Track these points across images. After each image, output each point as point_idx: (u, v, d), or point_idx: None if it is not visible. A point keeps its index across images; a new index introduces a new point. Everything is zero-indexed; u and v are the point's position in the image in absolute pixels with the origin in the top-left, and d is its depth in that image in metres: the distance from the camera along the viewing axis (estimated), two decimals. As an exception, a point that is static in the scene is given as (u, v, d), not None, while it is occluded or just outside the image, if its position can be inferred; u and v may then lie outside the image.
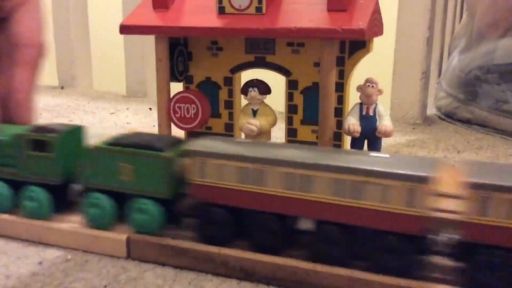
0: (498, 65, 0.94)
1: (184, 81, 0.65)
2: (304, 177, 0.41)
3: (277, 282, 0.42)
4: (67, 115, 1.05)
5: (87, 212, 0.48)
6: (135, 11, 0.62)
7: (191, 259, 0.44)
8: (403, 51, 0.98)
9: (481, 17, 1.00)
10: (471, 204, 0.38)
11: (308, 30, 0.52)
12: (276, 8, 0.56)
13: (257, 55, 0.61)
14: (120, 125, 0.98)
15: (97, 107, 1.14)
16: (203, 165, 0.45)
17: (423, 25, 0.95)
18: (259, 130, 0.58)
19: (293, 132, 0.62)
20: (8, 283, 0.42)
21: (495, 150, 0.80)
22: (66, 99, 1.23)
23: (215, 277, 0.43)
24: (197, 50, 0.64)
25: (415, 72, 0.97)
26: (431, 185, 0.39)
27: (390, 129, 0.55)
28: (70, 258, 0.46)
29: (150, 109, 1.10)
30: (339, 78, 0.58)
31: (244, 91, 0.59)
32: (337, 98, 0.59)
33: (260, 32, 0.54)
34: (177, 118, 0.61)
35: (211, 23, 0.56)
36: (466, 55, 1.02)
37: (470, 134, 0.91)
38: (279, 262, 0.42)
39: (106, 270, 0.44)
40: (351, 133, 0.55)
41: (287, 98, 0.62)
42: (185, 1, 0.61)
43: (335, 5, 0.53)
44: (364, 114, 0.55)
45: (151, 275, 0.43)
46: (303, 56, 0.60)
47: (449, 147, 0.82)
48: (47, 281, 0.42)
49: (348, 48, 0.58)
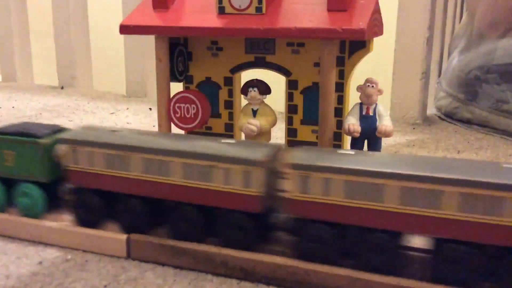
0: (498, 65, 0.94)
1: (184, 81, 0.65)
2: (159, 162, 0.45)
3: (277, 282, 0.42)
4: (67, 115, 1.05)
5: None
6: (135, 11, 0.62)
7: (191, 259, 0.44)
8: (403, 51, 0.98)
9: (481, 17, 1.00)
10: (293, 183, 0.41)
11: (308, 30, 0.52)
12: (276, 8, 0.56)
13: (257, 55, 0.61)
14: (120, 125, 0.98)
15: (97, 107, 1.14)
16: (75, 152, 0.48)
17: (423, 25, 0.95)
18: (259, 130, 0.58)
19: (293, 132, 0.62)
20: (8, 283, 0.42)
21: (495, 150, 0.80)
22: (66, 99, 1.23)
23: (215, 277, 0.43)
24: (197, 50, 0.64)
25: (415, 72, 0.97)
26: (266, 167, 0.42)
27: (390, 129, 0.55)
28: (70, 258, 0.46)
29: (150, 109, 1.10)
30: (339, 78, 0.58)
31: (244, 91, 0.59)
32: (337, 98, 0.59)
33: (260, 32, 0.54)
34: (177, 118, 0.61)
35: (211, 23, 0.56)
36: (466, 55, 1.02)
37: (470, 134, 0.91)
38: (279, 262, 0.42)
39: (106, 270, 0.44)
40: (351, 133, 0.55)
41: (287, 98, 0.62)
42: (185, 1, 0.61)
43: (335, 5, 0.53)
44: (364, 114, 0.55)
45: (151, 275, 0.43)
46: (303, 56, 0.60)
47: (449, 147, 0.82)
48: (47, 281, 0.42)
49: (348, 48, 0.58)
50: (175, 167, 0.44)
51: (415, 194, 0.38)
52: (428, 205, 0.38)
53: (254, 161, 0.42)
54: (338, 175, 0.40)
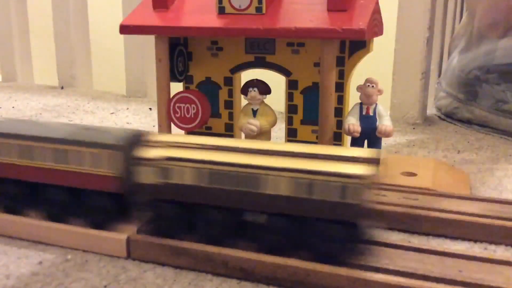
0: (498, 65, 0.94)
1: (184, 81, 0.65)
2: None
3: (277, 282, 0.42)
4: (67, 115, 1.05)
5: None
6: (135, 11, 0.62)
7: (191, 259, 0.44)
8: (403, 51, 0.98)
9: (481, 17, 1.00)
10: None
11: (308, 30, 0.53)
12: (276, 8, 0.56)
13: (257, 55, 0.61)
14: (120, 125, 0.98)
15: (97, 107, 1.14)
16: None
17: (423, 25, 0.95)
18: (259, 130, 0.58)
19: (293, 132, 0.62)
20: (8, 283, 0.42)
21: (495, 150, 0.80)
22: (66, 99, 1.23)
23: (215, 277, 0.43)
24: (197, 50, 0.64)
25: (415, 72, 0.97)
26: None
27: (390, 129, 0.55)
28: (70, 258, 0.46)
29: (150, 109, 1.10)
30: (339, 78, 0.58)
31: (244, 91, 0.59)
32: (337, 98, 0.59)
33: (260, 32, 0.54)
34: (177, 118, 0.61)
35: (211, 23, 0.56)
36: (466, 55, 1.02)
37: (470, 134, 0.91)
38: (279, 262, 0.42)
39: (106, 270, 0.44)
40: (351, 133, 0.55)
41: (287, 98, 0.62)
42: (185, 1, 0.61)
43: (335, 5, 0.53)
44: (364, 114, 0.55)
45: (151, 275, 0.43)
46: (303, 56, 0.60)
47: (449, 147, 0.82)
48: (47, 281, 0.42)
49: (348, 48, 0.58)
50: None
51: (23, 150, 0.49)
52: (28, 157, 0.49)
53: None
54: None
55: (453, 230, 0.49)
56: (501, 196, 0.60)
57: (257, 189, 0.41)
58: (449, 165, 0.70)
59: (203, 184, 0.42)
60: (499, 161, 0.74)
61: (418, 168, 0.61)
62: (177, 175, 0.43)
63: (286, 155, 0.41)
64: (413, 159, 0.71)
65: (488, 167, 0.71)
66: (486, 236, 0.49)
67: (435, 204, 0.52)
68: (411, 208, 0.51)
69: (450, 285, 0.39)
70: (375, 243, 0.44)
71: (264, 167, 0.40)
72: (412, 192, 0.55)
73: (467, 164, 0.72)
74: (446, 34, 1.23)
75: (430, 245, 0.46)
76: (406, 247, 0.44)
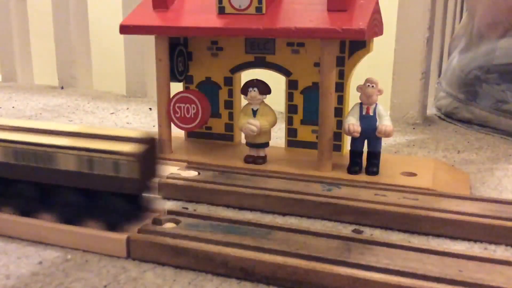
0: (498, 65, 0.94)
1: (184, 81, 0.65)
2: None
3: (277, 282, 0.42)
4: (67, 115, 1.05)
5: None
6: (135, 11, 0.62)
7: (191, 259, 0.44)
8: (403, 51, 0.98)
9: (481, 17, 1.00)
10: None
11: (308, 30, 0.53)
12: (276, 8, 0.56)
13: (257, 55, 0.61)
14: (120, 125, 0.98)
15: (97, 107, 1.14)
16: None
17: (423, 25, 0.95)
18: (259, 130, 0.58)
19: (293, 132, 0.62)
20: (8, 283, 0.42)
21: (495, 150, 0.80)
22: (66, 99, 1.23)
23: (215, 277, 0.43)
24: (197, 50, 0.64)
25: (415, 72, 0.97)
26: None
27: (390, 129, 0.55)
28: (70, 258, 0.46)
29: (150, 109, 1.10)
30: (339, 78, 0.58)
31: (244, 91, 0.59)
32: (337, 98, 0.59)
33: (260, 32, 0.54)
34: (177, 118, 0.61)
35: (211, 23, 0.56)
36: (466, 55, 1.02)
37: (470, 134, 0.91)
38: (279, 262, 0.42)
39: (106, 270, 0.44)
40: (351, 133, 0.55)
41: (287, 98, 0.62)
42: (185, 1, 0.61)
43: (335, 5, 0.53)
44: (364, 114, 0.55)
45: (151, 275, 0.43)
46: (303, 56, 0.60)
47: (449, 147, 0.82)
48: (47, 281, 0.42)
49: (348, 48, 0.58)
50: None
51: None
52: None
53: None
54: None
55: (453, 230, 0.49)
56: (501, 196, 0.60)
57: (52, 165, 0.47)
58: (449, 165, 0.70)
59: (11, 161, 0.48)
60: (499, 161, 0.75)
61: (418, 168, 0.61)
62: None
63: (75, 135, 0.48)
64: (413, 159, 0.71)
65: (488, 167, 0.71)
66: (486, 236, 0.49)
67: (435, 204, 0.52)
68: (411, 208, 0.51)
69: (450, 285, 0.39)
70: (375, 243, 0.44)
71: (56, 146, 0.47)
72: (412, 192, 0.55)
73: (467, 164, 0.72)
74: (446, 34, 1.23)
75: (430, 245, 0.46)
76: (406, 247, 0.44)
